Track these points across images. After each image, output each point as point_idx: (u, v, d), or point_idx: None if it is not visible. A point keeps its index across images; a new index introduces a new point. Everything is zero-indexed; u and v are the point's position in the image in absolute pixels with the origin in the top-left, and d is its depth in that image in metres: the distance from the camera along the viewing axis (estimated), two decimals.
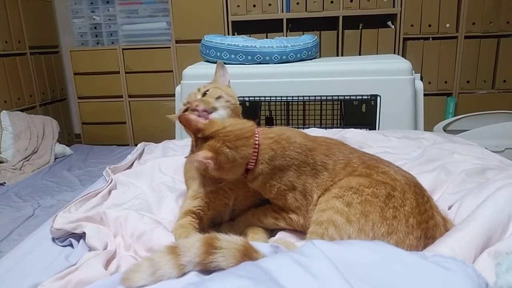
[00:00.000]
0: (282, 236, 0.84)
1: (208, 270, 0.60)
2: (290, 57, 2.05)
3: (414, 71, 1.92)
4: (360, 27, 3.12)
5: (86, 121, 3.68)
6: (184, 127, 0.83)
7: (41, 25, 3.56)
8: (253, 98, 1.95)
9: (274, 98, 1.96)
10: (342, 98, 1.90)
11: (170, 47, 3.40)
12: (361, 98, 1.89)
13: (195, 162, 0.79)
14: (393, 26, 3.14)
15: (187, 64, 2.14)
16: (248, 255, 0.60)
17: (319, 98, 1.92)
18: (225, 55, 2.06)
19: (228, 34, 3.21)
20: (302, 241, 0.78)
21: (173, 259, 0.59)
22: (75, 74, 3.57)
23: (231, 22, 3.20)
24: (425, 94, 1.99)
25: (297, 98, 1.94)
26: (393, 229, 0.68)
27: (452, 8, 3.02)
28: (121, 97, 3.56)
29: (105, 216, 0.91)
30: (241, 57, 2.04)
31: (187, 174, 0.99)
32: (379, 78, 1.86)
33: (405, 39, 3.10)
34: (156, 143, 1.61)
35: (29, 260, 0.81)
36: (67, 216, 0.88)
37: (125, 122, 3.62)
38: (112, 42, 3.61)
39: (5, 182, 2.52)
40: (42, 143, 2.96)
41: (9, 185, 2.50)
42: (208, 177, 0.86)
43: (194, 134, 0.82)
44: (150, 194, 1.07)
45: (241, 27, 3.24)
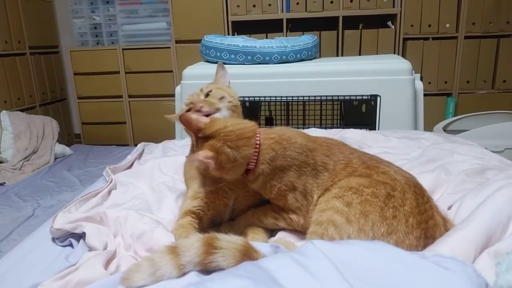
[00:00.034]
0: (282, 236, 0.84)
1: (208, 270, 0.60)
2: (290, 57, 2.05)
3: (414, 71, 1.92)
4: (360, 27, 3.12)
5: (86, 121, 3.68)
6: (184, 127, 0.83)
7: (41, 25, 3.56)
8: (253, 98, 1.95)
9: (274, 98, 1.96)
10: (342, 98, 1.90)
11: (170, 47, 3.40)
12: (361, 98, 1.89)
13: (196, 161, 0.79)
14: (393, 26, 3.14)
15: (187, 64, 2.14)
16: (248, 255, 0.60)
17: (319, 98, 1.92)
18: (225, 55, 2.06)
19: (228, 34, 3.21)
20: (302, 241, 0.78)
21: (173, 259, 0.59)
22: (75, 74, 3.57)
23: (231, 22, 3.20)
24: (425, 94, 1.99)
25: (297, 98, 1.94)
26: (393, 229, 0.68)
27: (452, 8, 3.02)
28: (121, 97, 3.56)
29: (105, 216, 0.91)
30: (241, 57, 2.04)
31: (187, 174, 0.99)
32: (379, 78, 1.86)
33: (405, 39, 3.10)
34: (156, 143, 1.61)
35: (29, 260, 0.81)
36: (67, 216, 0.88)
37: (125, 122, 3.63)
38: (112, 42, 3.61)
39: (5, 182, 2.52)
40: (42, 143, 2.96)
41: (9, 185, 2.50)
42: (208, 177, 0.86)
43: (195, 134, 0.82)
44: (150, 194, 1.07)
45: (241, 27, 3.24)
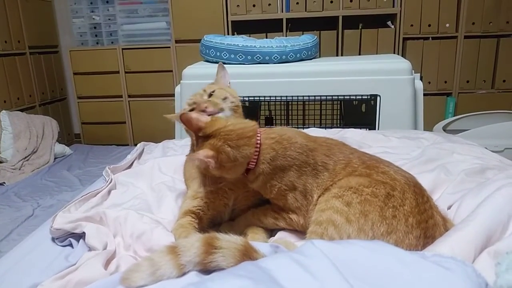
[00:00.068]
0: (282, 236, 0.84)
1: (208, 270, 0.60)
2: (290, 57, 2.05)
3: (414, 71, 1.92)
4: (360, 27, 3.12)
5: (85, 121, 3.68)
6: (184, 126, 0.83)
7: (40, 25, 3.56)
8: (253, 98, 1.95)
9: (274, 98, 1.96)
10: (342, 98, 1.90)
11: (169, 47, 3.40)
12: (361, 98, 1.89)
13: (196, 160, 0.79)
14: (392, 26, 3.14)
15: (187, 64, 2.14)
16: (248, 255, 0.60)
17: (319, 98, 1.92)
18: (224, 55, 2.06)
19: (228, 34, 3.21)
20: (302, 241, 0.78)
21: (173, 259, 0.59)
22: (75, 74, 3.57)
23: (231, 22, 3.20)
24: (425, 94, 1.99)
25: (296, 98, 1.94)
26: (392, 228, 0.68)
27: (452, 8, 3.02)
28: (120, 97, 3.56)
29: (104, 216, 0.91)
30: (240, 57, 2.04)
31: (187, 174, 0.99)
32: (379, 78, 1.86)
33: (405, 39, 3.10)
34: (156, 143, 1.61)
35: (28, 260, 0.81)
36: (67, 216, 0.88)
37: (124, 122, 3.62)
38: (111, 42, 3.61)
39: (4, 182, 2.52)
40: (42, 143, 2.96)
41: (8, 185, 2.50)
42: (208, 176, 0.86)
43: (195, 133, 0.82)
44: (149, 194, 1.07)
45: (241, 27, 3.24)
